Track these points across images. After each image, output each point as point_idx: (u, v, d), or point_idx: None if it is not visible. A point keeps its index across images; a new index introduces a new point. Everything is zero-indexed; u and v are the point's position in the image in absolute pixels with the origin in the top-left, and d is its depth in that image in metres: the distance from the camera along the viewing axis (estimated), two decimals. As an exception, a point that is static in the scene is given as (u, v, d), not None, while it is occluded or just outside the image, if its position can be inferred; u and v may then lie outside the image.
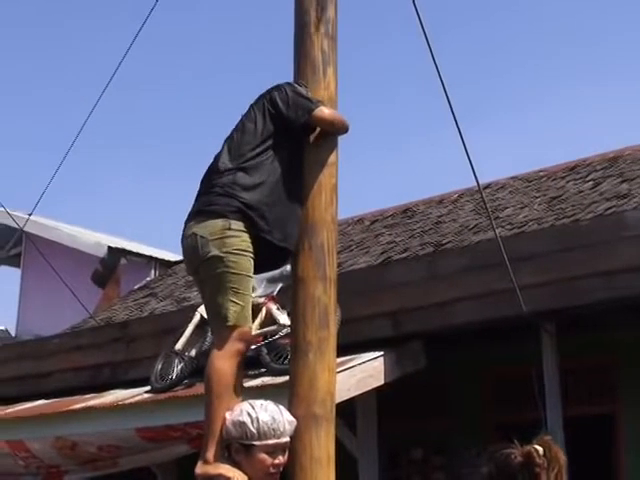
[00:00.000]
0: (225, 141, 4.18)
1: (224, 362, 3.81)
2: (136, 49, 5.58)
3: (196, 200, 4.11)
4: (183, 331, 7.48)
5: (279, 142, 4.07)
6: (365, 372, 6.62)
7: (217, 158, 4.12)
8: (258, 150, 4.03)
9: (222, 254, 3.86)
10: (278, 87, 4.17)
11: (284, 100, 4.08)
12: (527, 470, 3.16)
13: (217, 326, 3.95)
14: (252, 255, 3.92)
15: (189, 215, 4.06)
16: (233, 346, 3.83)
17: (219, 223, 3.90)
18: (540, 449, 3.20)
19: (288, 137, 4.08)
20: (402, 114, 29.32)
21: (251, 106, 4.21)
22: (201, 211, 4.00)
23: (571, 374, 7.15)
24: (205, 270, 3.95)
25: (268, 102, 4.12)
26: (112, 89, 5.80)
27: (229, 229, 3.88)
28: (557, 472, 3.18)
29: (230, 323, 3.83)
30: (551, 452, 3.20)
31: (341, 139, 4.23)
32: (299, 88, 4.13)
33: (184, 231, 4.04)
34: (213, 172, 4.08)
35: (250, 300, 3.93)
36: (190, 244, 3.98)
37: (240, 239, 3.89)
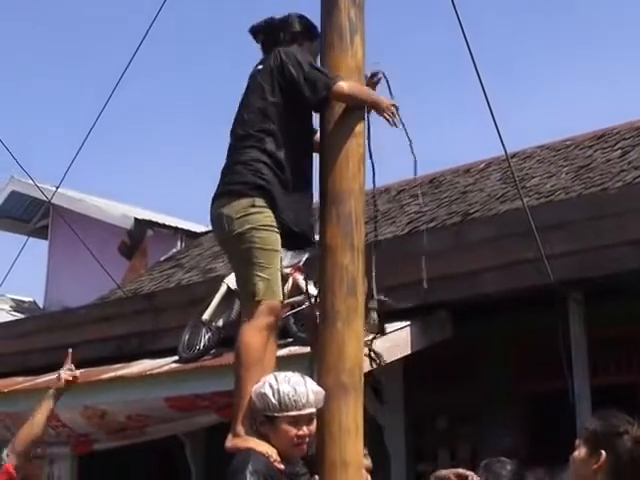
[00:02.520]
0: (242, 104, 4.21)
1: (253, 336, 3.85)
2: (161, 22, 5.57)
3: (222, 176, 4.13)
4: (210, 301, 7.51)
5: (295, 127, 4.09)
6: (392, 342, 6.62)
7: (237, 120, 4.17)
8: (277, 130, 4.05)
9: (247, 231, 3.92)
10: (287, 54, 4.12)
11: (299, 74, 4.06)
12: None
13: (246, 301, 4.00)
14: (277, 230, 3.97)
15: (215, 194, 4.12)
16: (262, 320, 3.87)
17: (243, 202, 3.97)
18: None
19: (300, 120, 4.12)
20: (429, 84, 29.18)
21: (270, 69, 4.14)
22: (226, 191, 4.06)
23: (599, 343, 7.11)
24: (233, 247, 4.04)
25: (280, 74, 4.09)
26: (138, 60, 5.79)
27: (253, 206, 3.95)
28: None
29: (258, 298, 3.88)
30: None
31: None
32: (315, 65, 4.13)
33: (211, 210, 4.11)
34: (236, 139, 4.12)
35: (278, 274, 3.97)
36: (218, 223, 4.07)
37: (264, 215, 3.95)
